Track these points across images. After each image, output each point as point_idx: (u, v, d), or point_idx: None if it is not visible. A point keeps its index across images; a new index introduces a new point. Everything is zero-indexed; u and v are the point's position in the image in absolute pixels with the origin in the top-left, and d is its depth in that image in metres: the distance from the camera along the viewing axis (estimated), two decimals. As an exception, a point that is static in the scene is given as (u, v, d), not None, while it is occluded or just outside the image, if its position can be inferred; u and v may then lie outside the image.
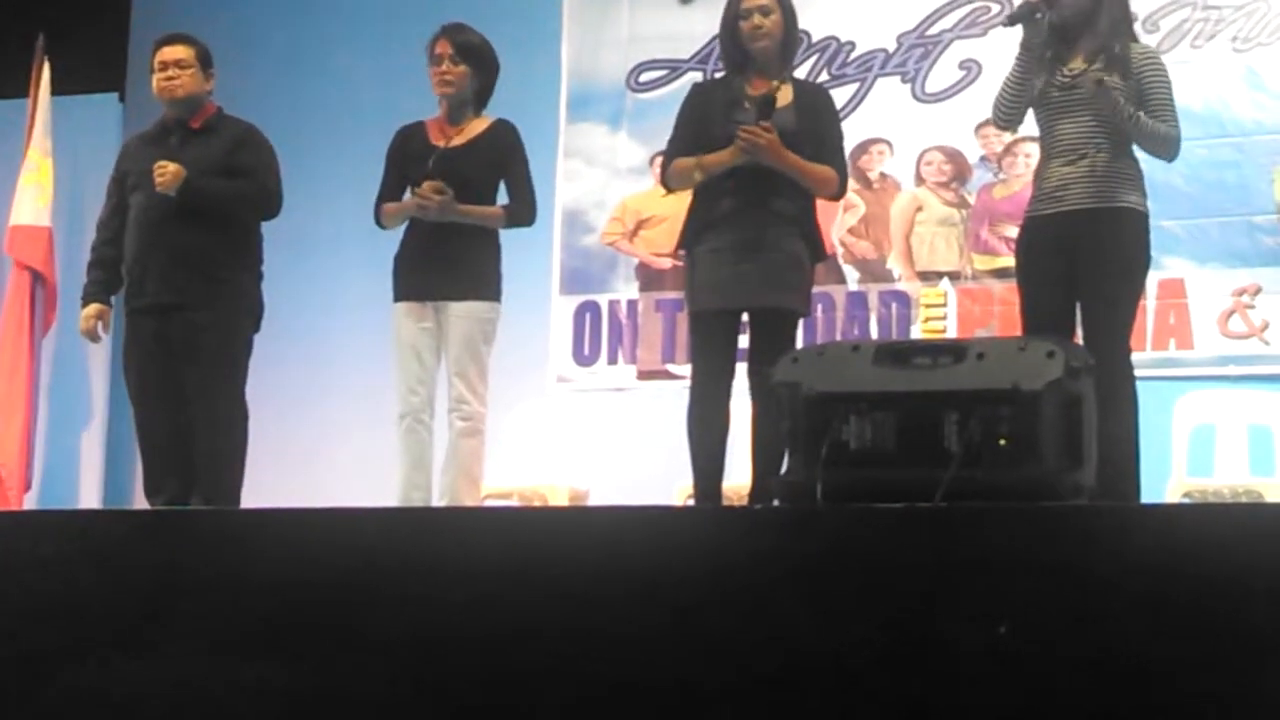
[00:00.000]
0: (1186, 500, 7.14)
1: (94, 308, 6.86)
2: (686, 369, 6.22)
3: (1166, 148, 5.79)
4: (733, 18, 6.08)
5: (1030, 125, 5.94)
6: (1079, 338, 5.56)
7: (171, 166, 6.52)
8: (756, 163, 5.87)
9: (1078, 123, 5.66)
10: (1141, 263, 5.74)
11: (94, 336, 6.98)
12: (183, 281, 6.55)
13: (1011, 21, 5.76)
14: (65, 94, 9.39)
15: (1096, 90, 5.56)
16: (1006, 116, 5.85)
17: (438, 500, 6.46)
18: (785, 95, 6.01)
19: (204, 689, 3.70)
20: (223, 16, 8.58)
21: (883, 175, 8.61)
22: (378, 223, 6.69)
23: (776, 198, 5.92)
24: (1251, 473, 7.46)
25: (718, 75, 6.38)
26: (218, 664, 3.72)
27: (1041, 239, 5.73)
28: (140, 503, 6.95)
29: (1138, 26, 7.92)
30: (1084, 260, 5.61)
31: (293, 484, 7.31)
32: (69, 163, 9.26)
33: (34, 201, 9.17)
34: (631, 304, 8.85)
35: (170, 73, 6.74)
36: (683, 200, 6.17)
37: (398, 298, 6.61)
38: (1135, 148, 5.72)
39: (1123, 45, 5.75)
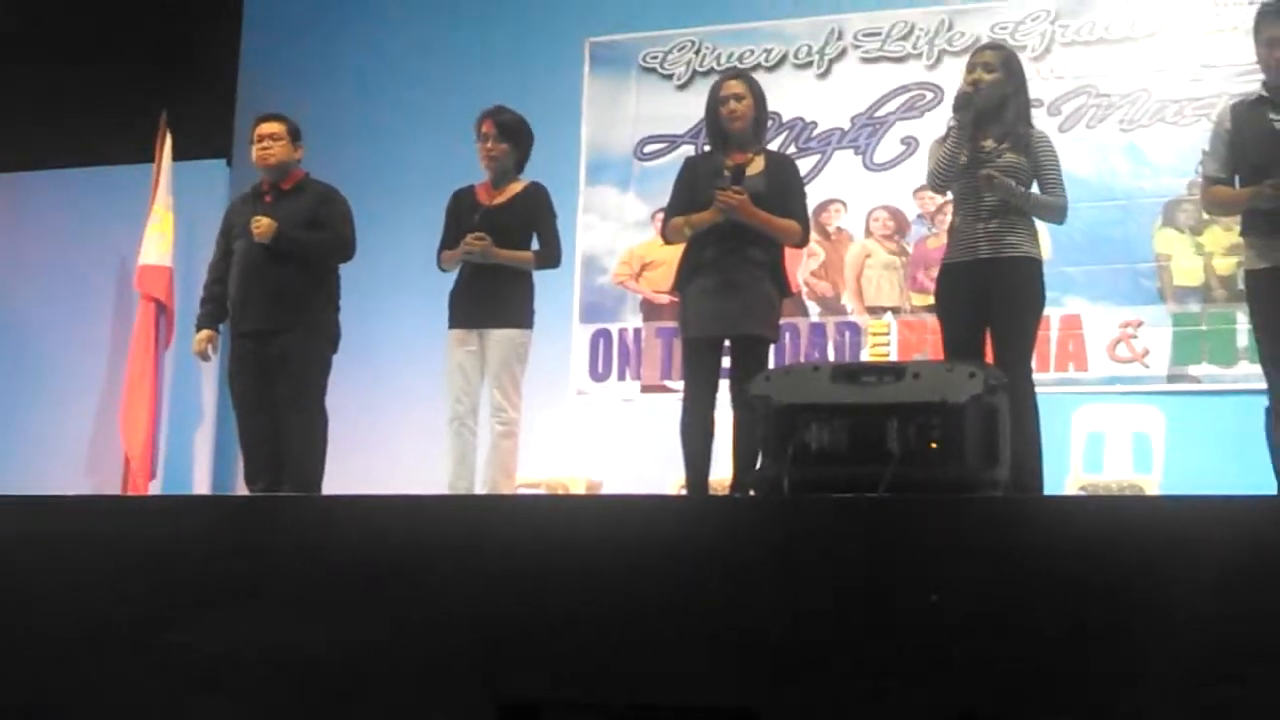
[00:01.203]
0: (1082, 493, 7.13)
1: (205, 333, 6.89)
2: (681, 384, 6.21)
3: (1056, 215, 5.85)
4: (714, 103, 6.12)
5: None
6: (988, 360, 5.56)
7: (265, 221, 6.55)
8: (732, 220, 5.89)
9: (989, 191, 5.65)
10: (1038, 300, 5.76)
11: (204, 356, 7.00)
12: (276, 313, 6.55)
13: (957, 108, 5.77)
14: (183, 160, 9.42)
15: (990, 184, 5.59)
16: (944, 182, 5.84)
17: (479, 489, 6.46)
18: (758, 164, 6.03)
19: (291, 645, 3.70)
20: (310, 97, 8.59)
21: (839, 229, 8.60)
22: (439, 266, 6.70)
23: (750, 247, 5.93)
24: (1134, 471, 7.44)
25: (706, 149, 6.37)
26: (302, 624, 3.71)
27: (957, 282, 5.73)
28: (241, 489, 6.94)
29: (1043, 111, 8.01)
30: (993, 299, 5.62)
31: (363, 475, 7.29)
32: (186, 215, 9.27)
33: (158, 246, 9.21)
34: (637, 331, 8.83)
35: (266, 144, 6.76)
36: (678, 249, 6.17)
37: (450, 326, 6.63)
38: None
39: (1024, 130, 5.77)
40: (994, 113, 5.75)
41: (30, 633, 3.89)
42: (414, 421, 8.16)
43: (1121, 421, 7.64)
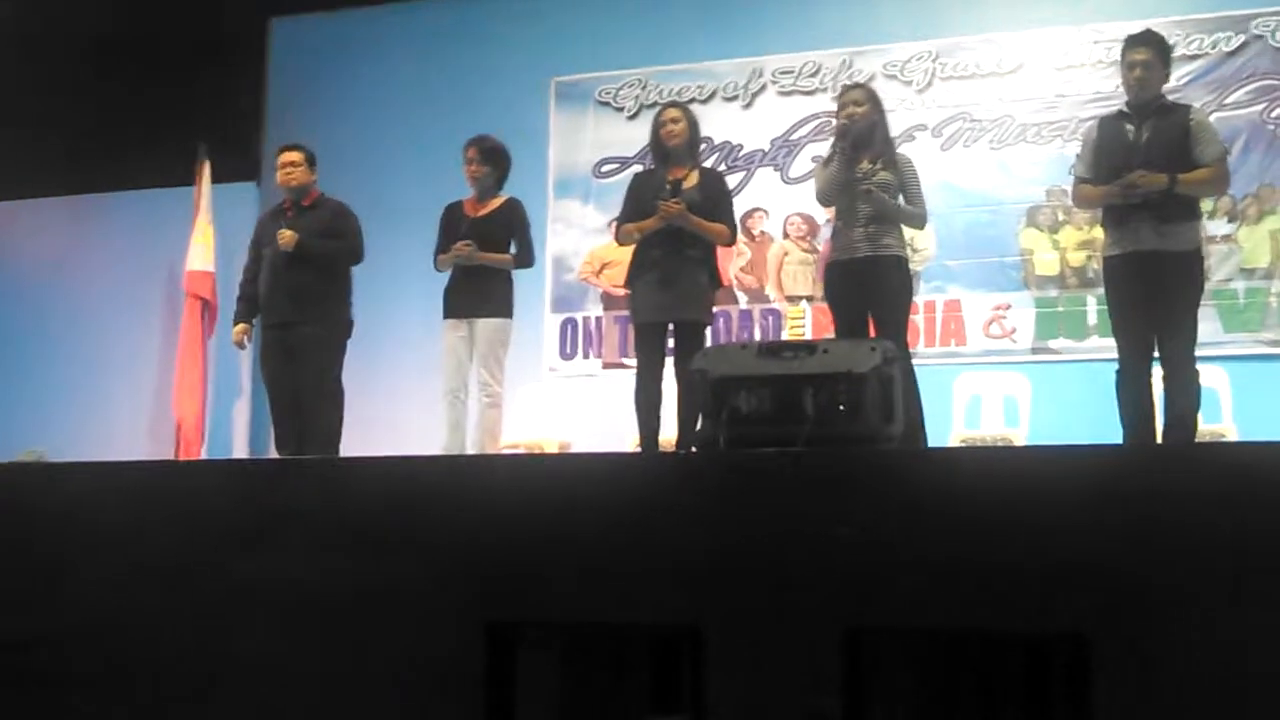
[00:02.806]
0: (962, 444, 7.16)
1: (241, 325, 6.87)
2: (634, 362, 6.20)
3: (917, 222, 5.95)
4: (656, 127, 6.14)
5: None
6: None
7: (288, 233, 6.54)
8: (672, 225, 5.89)
9: (865, 203, 5.69)
10: (908, 288, 5.86)
11: (241, 344, 6.98)
12: (298, 308, 6.53)
13: (838, 137, 5.81)
14: (220, 183, 9.35)
15: (868, 197, 5.64)
16: (831, 199, 5.88)
17: (470, 450, 6.44)
18: (693, 179, 6.04)
19: (316, 577, 3.68)
20: (325, 129, 8.52)
21: (762, 232, 8.60)
22: (435, 267, 6.67)
23: (687, 248, 5.94)
24: (1005, 426, 7.48)
25: (651, 167, 6.37)
26: (325, 560, 3.69)
27: (841, 277, 5.77)
28: (272, 453, 6.91)
29: (928, 133, 8.06)
30: (870, 290, 5.66)
31: (373, 440, 7.24)
32: (223, 228, 9.18)
33: (202, 254, 9.14)
34: (598, 319, 8.81)
35: (288, 170, 6.74)
36: (630, 250, 6.16)
37: (445, 316, 6.60)
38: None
39: (892, 152, 5.83)
40: (866, 138, 5.78)
41: (102, 571, 3.86)
42: (415, 395, 8.13)
43: (994, 386, 7.68)
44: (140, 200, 9.69)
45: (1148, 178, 5.27)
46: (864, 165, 5.76)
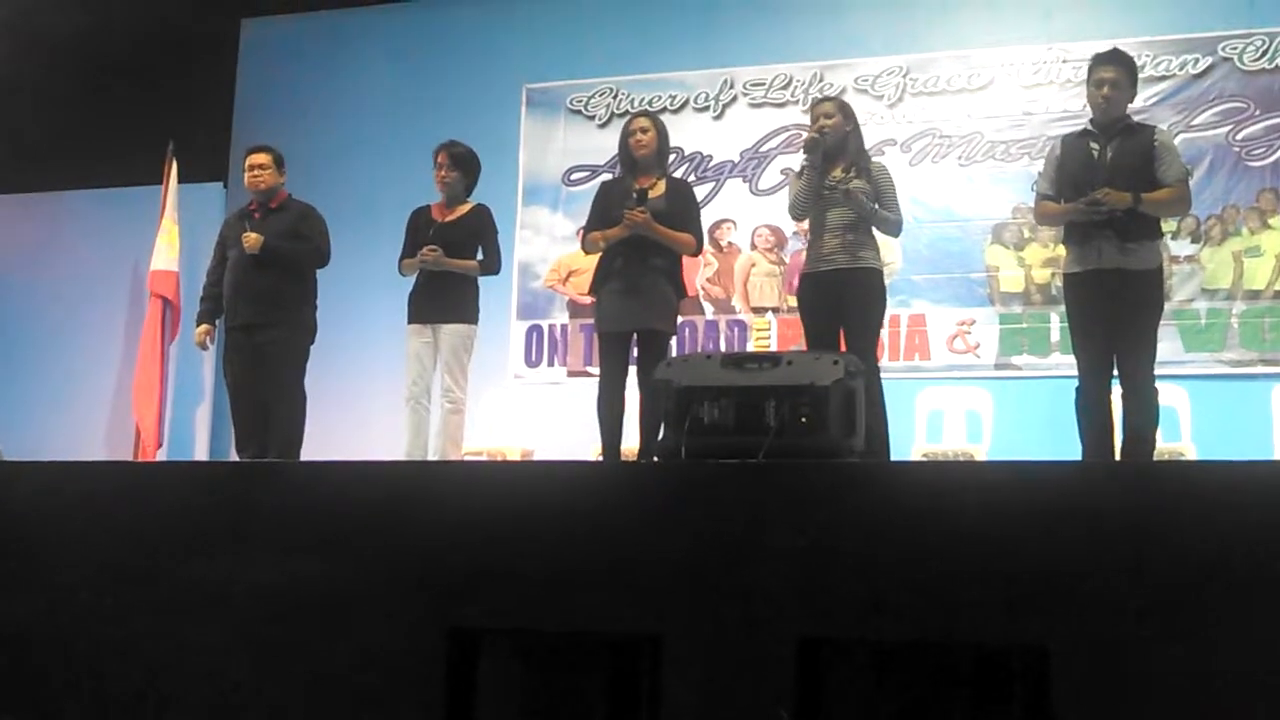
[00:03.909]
0: (924, 459, 7.19)
1: (204, 327, 6.84)
2: (598, 370, 6.21)
3: (894, 228, 5.93)
4: (625, 135, 6.16)
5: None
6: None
7: (253, 236, 6.52)
8: (637, 234, 5.90)
9: (839, 212, 5.73)
10: (881, 301, 5.84)
11: (203, 346, 6.95)
12: (262, 310, 6.51)
13: (809, 150, 5.83)
14: (187, 183, 9.30)
15: (847, 197, 5.67)
16: (804, 212, 5.89)
17: (432, 456, 6.43)
18: (660, 188, 6.06)
19: (274, 583, 3.67)
20: (293, 130, 8.51)
21: (729, 243, 8.62)
22: (400, 271, 6.66)
23: (652, 257, 5.95)
24: (967, 441, 7.52)
25: (619, 176, 6.38)
26: (284, 566, 3.69)
27: (815, 288, 5.79)
28: (233, 456, 6.88)
29: (897, 148, 8.11)
30: (844, 302, 5.68)
31: (335, 444, 7.23)
32: (189, 229, 9.14)
33: (166, 253, 9.09)
34: (564, 327, 8.82)
35: (255, 172, 6.72)
36: (596, 258, 6.17)
37: (409, 321, 6.58)
38: (874, 228, 5.83)
39: (865, 160, 5.85)
40: (839, 148, 5.82)
41: (60, 571, 3.85)
42: (378, 400, 8.11)
43: (957, 401, 7.72)
44: (106, 198, 9.64)
45: (1113, 195, 5.31)
46: (837, 174, 5.79)
